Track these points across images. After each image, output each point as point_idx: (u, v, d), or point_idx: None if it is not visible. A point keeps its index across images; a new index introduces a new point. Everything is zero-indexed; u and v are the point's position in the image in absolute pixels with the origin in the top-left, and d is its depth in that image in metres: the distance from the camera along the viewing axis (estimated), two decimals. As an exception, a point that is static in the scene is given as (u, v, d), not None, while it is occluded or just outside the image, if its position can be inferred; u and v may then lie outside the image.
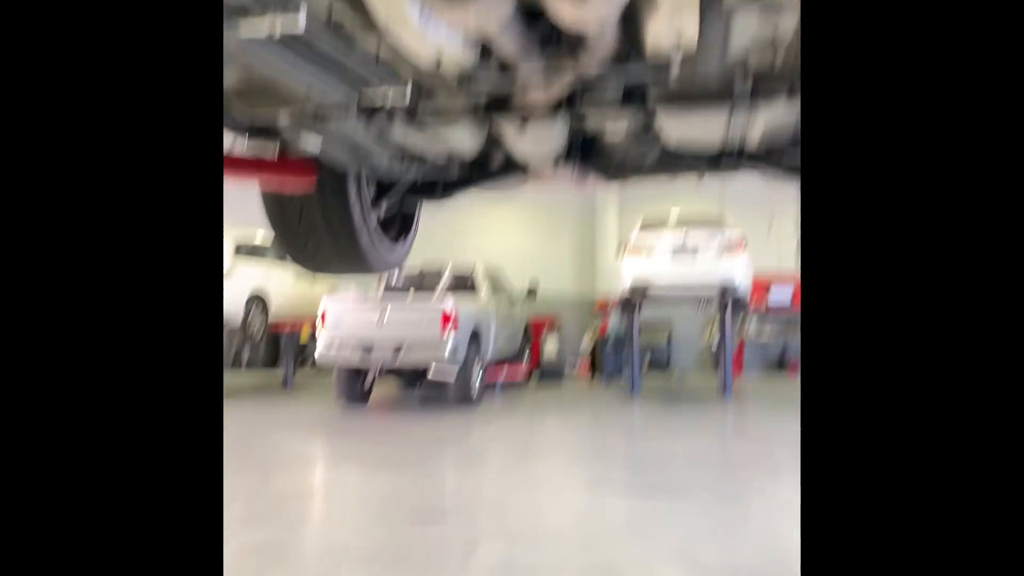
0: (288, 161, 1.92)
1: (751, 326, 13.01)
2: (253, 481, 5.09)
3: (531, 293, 11.19)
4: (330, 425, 7.83)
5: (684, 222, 9.76)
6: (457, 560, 3.39)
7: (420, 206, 2.52)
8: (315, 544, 3.79)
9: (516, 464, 5.82)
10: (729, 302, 9.56)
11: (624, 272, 9.61)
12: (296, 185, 1.82)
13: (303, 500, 4.77)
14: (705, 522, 3.89)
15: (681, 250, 9.39)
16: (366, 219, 2.09)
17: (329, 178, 1.96)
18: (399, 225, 2.47)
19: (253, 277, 9.96)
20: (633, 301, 9.77)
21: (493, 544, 3.60)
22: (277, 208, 2.04)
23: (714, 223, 9.68)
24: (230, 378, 12.86)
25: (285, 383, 11.06)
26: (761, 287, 11.72)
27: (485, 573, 3.21)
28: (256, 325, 9.97)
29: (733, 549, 3.50)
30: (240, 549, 3.49)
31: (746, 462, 5.83)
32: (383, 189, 2.23)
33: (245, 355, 14.65)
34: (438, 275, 9.88)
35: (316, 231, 2.02)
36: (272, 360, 14.10)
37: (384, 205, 2.22)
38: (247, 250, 10.10)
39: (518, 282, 11.60)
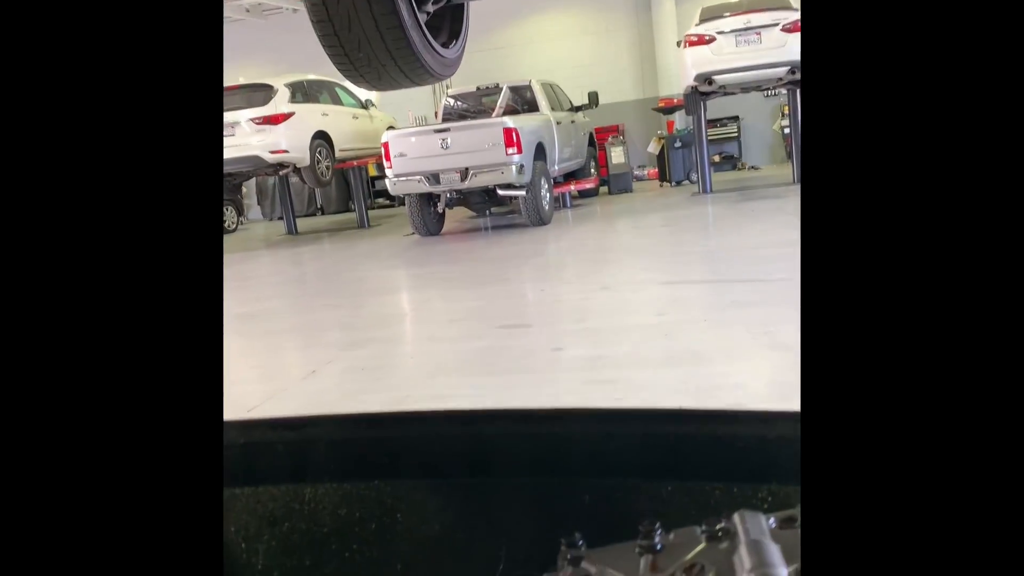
0: None
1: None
2: (346, 310, 5.35)
3: (592, 102, 10.90)
4: (409, 254, 8.06)
5: (746, 7, 9.22)
6: (546, 361, 3.55)
7: (468, 6, 2.45)
8: (411, 359, 4.03)
9: (593, 271, 5.92)
10: (798, 83, 9.15)
11: (687, 63, 9.23)
12: None
13: (395, 322, 5.02)
14: (785, 306, 3.93)
15: (744, 34, 8.91)
16: (415, 17, 2.05)
17: None
18: (448, 30, 2.41)
19: (313, 118, 9.98)
20: (698, 93, 9.43)
21: (578, 345, 3.75)
22: (327, 21, 2.01)
23: (778, 5, 9.11)
24: (308, 223, 13.24)
25: (361, 221, 11.28)
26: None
27: (573, 370, 3.37)
28: (324, 164, 10.09)
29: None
30: (343, 370, 3.73)
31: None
32: None
33: (319, 198, 14.99)
34: (495, 96, 9.68)
35: (368, 39, 1.99)
36: (344, 203, 14.40)
37: (431, 2, 2.16)
38: (303, 94, 10.07)
39: (577, 93, 11.28)
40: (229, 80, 9.66)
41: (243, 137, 9.27)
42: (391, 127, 10.64)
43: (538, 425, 0.54)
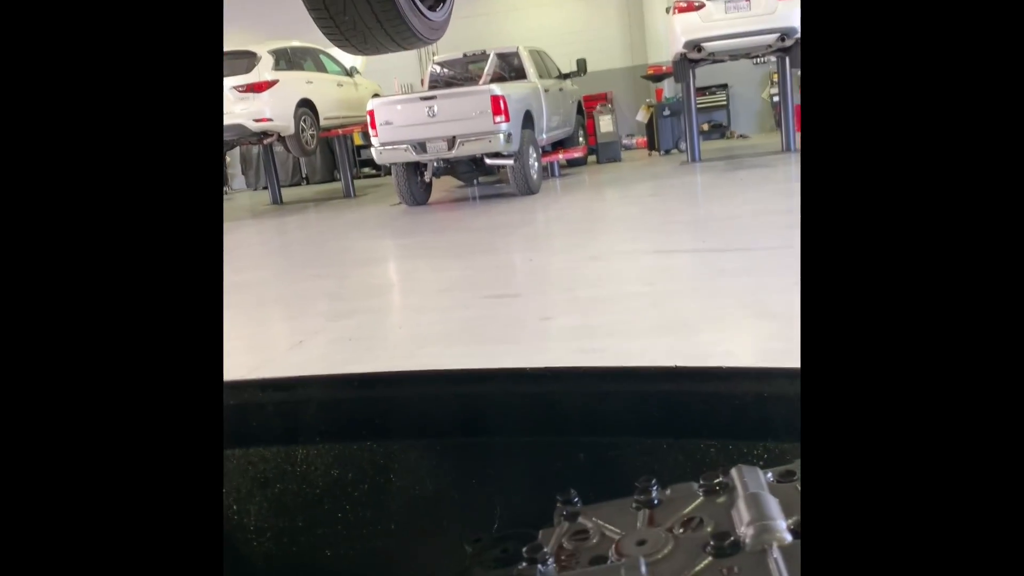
0: None
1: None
2: (333, 280, 5.33)
3: (580, 69, 10.81)
4: (396, 224, 8.02)
5: None
6: (534, 331, 3.55)
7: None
8: (399, 329, 4.02)
9: (582, 240, 5.92)
10: (787, 50, 9.11)
11: (676, 30, 9.16)
12: None
13: (382, 292, 5.00)
14: (775, 275, 3.94)
15: (734, 1, 8.85)
16: None
17: None
18: (434, -8, 2.38)
19: (297, 86, 9.86)
20: (687, 60, 9.36)
21: (567, 314, 3.75)
22: None
23: None
24: (293, 193, 13.14)
25: (346, 190, 11.19)
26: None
27: (562, 339, 3.38)
28: (308, 133, 9.99)
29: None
30: (330, 341, 3.72)
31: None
32: None
33: (303, 167, 14.86)
34: (482, 63, 9.58)
35: (354, 1, 1.98)
36: (330, 173, 14.28)
37: None
38: (287, 61, 9.93)
39: (565, 60, 11.18)
40: (212, 47, 9.50)
41: (226, 105, 9.15)
42: (376, 95, 10.52)
43: (532, 384, 0.54)
